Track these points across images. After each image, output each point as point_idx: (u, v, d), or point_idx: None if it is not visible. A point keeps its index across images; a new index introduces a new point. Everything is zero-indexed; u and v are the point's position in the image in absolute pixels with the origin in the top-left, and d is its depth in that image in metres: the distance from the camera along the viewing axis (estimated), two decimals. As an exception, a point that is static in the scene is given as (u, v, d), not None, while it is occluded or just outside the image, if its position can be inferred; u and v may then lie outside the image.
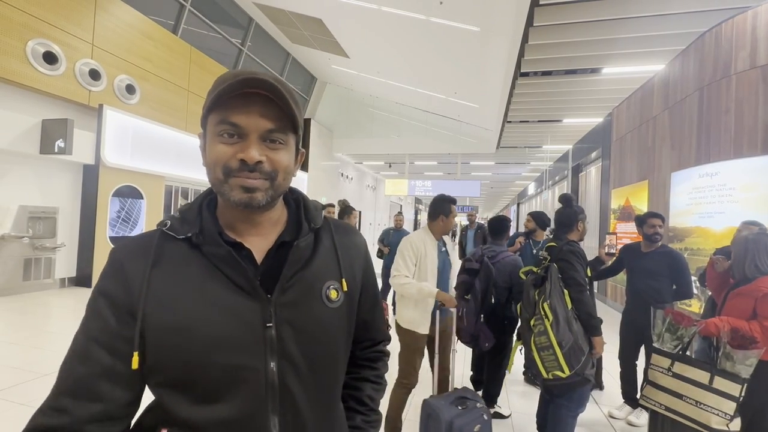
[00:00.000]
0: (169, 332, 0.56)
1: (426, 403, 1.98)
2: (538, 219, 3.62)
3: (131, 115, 7.00)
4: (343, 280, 0.69)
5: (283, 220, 0.69)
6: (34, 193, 6.01)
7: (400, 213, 5.84)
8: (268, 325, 0.60)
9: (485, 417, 2.00)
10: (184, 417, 0.57)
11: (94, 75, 6.41)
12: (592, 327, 1.97)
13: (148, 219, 7.62)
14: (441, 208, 2.32)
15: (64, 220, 6.39)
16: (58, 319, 4.89)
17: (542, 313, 1.97)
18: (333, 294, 0.67)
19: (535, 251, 3.52)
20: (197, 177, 8.78)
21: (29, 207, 5.83)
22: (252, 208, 0.60)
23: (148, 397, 0.63)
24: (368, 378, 0.79)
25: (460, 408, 1.96)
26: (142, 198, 7.49)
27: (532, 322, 2.04)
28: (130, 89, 7.05)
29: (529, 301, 2.10)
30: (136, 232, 7.39)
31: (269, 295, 0.60)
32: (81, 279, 6.61)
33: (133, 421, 0.62)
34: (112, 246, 6.65)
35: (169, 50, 7.96)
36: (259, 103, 0.58)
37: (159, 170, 7.70)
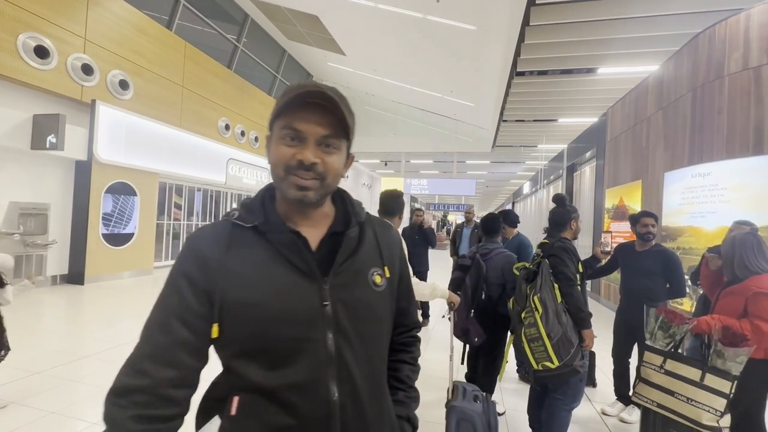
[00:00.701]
0: (243, 307, 0.65)
1: (455, 409, 1.81)
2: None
3: (124, 110, 6.93)
4: (386, 267, 0.78)
5: (332, 214, 0.79)
6: (25, 189, 5.93)
7: (420, 209, 5.56)
8: (324, 303, 0.68)
9: (490, 399, 2.00)
10: (256, 383, 0.65)
11: (87, 70, 6.33)
12: (581, 320, 2.04)
13: (141, 216, 7.56)
14: (399, 204, 2.40)
15: (55, 216, 6.31)
16: (50, 317, 4.84)
17: (533, 305, 2.05)
18: (377, 279, 0.76)
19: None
20: (191, 174, 8.72)
21: (20, 203, 5.76)
22: (304, 205, 0.70)
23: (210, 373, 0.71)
24: (405, 360, 0.88)
25: (479, 403, 1.90)
26: (135, 195, 7.43)
27: (523, 315, 2.12)
28: (123, 84, 6.97)
29: (521, 295, 2.18)
30: (129, 230, 7.32)
31: (325, 278, 0.69)
32: (73, 276, 6.54)
33: (202, 396, 0.72)
34: (104, 242, 6.56)
35: (163, 45, 7.88)
36: (318, 113, 0.68)
37: (153, 167, 7.63)
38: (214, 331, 0.65)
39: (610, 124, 7.60)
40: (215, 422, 0.70)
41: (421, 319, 2.53)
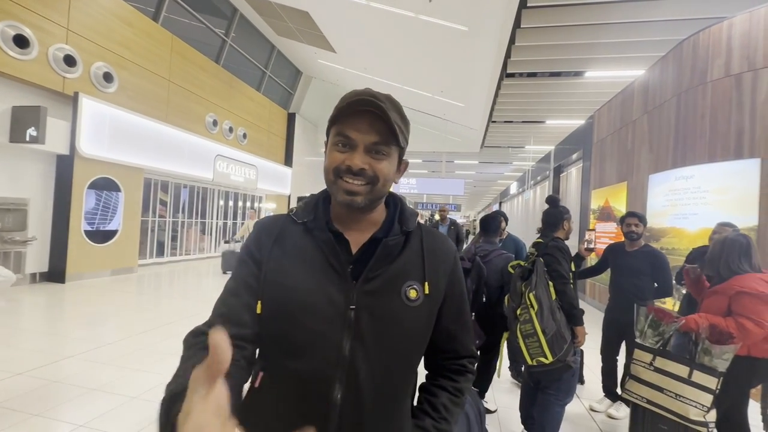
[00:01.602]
0: (278, 289, 0.70)
1: None
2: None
3: (109, 104, 6.74)
4: (426, 283, 0.75)
5: (381, 220, 0.79)
6: (2, 183, 5.71)
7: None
8: (350, 306, 0.69)
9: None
10: (276, 364, 0.71)
11: (69, 61, 6.13)
12: (574, 317, 2.11)
13: (125, 213, 7.37)
14: None
15: (35, 212, 6.10)
16: (30, 317, 4.68)
17: (528, 302, 2.11)
18: (412, 293, 0.73)
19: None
20: (178, 170, 8.55)
21: (-3, 198, 5.55)
22: (352, 209, 0.72)
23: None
24: (446, 387, 0.81)
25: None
26: (119, 191, 7.23)
27: (518, 312, 2.17)
28: (107, 77, 6.78)
29: (516, 293, 2.23)
30: (113, 226, 7.14)
31: (355, 281, 0.70)
32: (54, 274, 6.33)
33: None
34: (86, 239, 6.36)
35: (149, 38, 7.69)
36: (368, 120, 0.70)
37: (138, 162, 7.45)
38: (259, 307, 0.70)
39: (597, 127, 7.76)
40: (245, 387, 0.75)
41: None
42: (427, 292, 0.74)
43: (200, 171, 9.29)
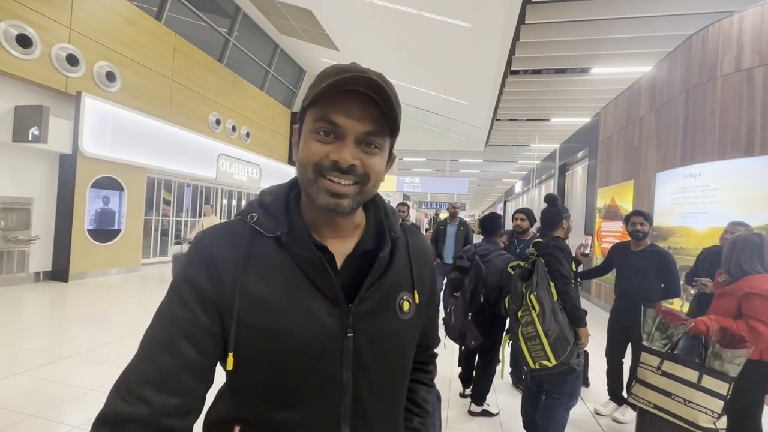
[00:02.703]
0: (260, 335, 0.56)
1: None
2: (532, 217, 3.41)
3: (111, 103, 6.75)
4: (416, 291, 0.68)
5: (362, 224, 0.67)
6: (5, 182, 5.74)
7: (404, 203, 5.27)
8: (347, 334, 0.59)
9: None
10: (260, 415, 0.58)
11: (72, 60, 6.14)
12: (577, 318, 2.04)
13: (128, 212, 7.39)
14: None
15: (38, 211, 6.13)
16: (32, 315, 4.68)
17: (529, 304, 2.05)
18: (405, 305, 0.65)
19: (518, 250, 3.33)
20: (181, 169, 8.55)
21: (1, 197, 5.57)
22: (336, 214, 0.59)
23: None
24: (422, 380, 0.80)
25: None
26: (122, 190, 7.25)
27: (519, 314, 2.12)
28: (110, 76, 6.79)
29: (517, 294, 2.18)
30: (116, 226, 7.15)
31: (349, 305, 0.60)
32: (57, 273, 6.36)
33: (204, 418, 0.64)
34: (89, 239, 6.38)
35: (152, 37, 7.69)
36: (360, 103, 0.56)
37: (140, 161, 7.45)
38: (229, 363, 0.55)
39: (603, 125, 7.64)
40: None
41: None
42: (417, 301, 0.67)
43: (203, 170, 9.29)
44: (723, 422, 1.77)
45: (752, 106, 3.96)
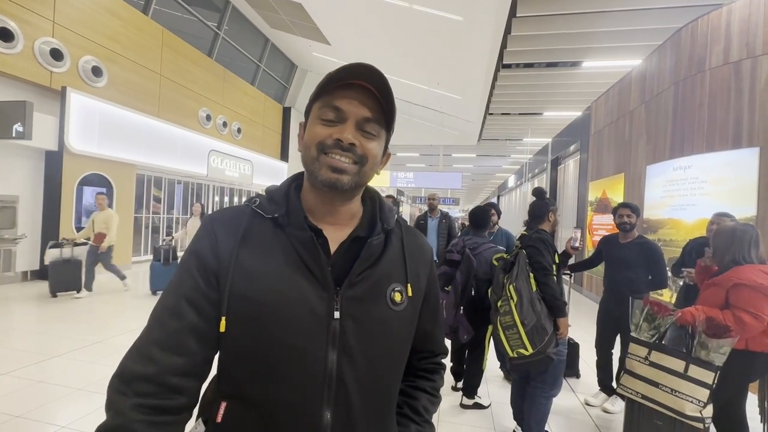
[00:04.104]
0: (248, 303, 0.60)
1: None
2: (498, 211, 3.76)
3: (98, 99, 6.62)
4: (409, 284, 0.69)
5: (359, 215, 0.71)
6: (-10, 180, 5.62)
7: (390, 196, 5.29)
8: (333, 317, 0.61)
9: None
10: (244, 391, 0.61)
11: (56, 55, 6.00)
12: (556, 308, 2.09)
13: (118, 209, 7.28)
14: None
15: (24, 209, 6.01)
16: (19, 315, 4.61)
17: (508, 294, 2.11)
18: (397, 297, 0.67)
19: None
20: (171, 166, 8.45)
21: (-15, 196, 5.45)
22: (337, 190, 0.62)
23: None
24: (425, 389, 0.79)
25: None
26: (111, 187, 7.14)
27: (499, 304, 2.18)
28: (96, 71, 6.65)
29: (498, 285, 2.23)
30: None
31: (338, 288, 0.62)
32: (45, 272, 6.22)
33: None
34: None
35: (139, 31, 7.54)
36: (361, 93, 0.62)
37: (129, 158, 7.35)
38: (222, 325, 0.60)
39: (594, 118, 7.67)
40: (200, 427, 0.66)
41: None
42: (410, 294, 0.69)
43: (194, 166, 9.19)
44: (709, 411, 1.80)
45: (740, 99, 3.99)
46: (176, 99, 8.66)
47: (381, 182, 14.63)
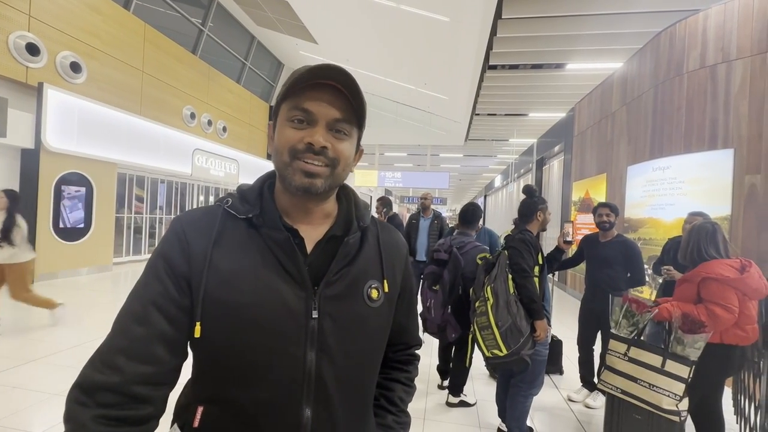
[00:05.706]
0: (224, 307, 0.58)
1: None
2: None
3: (77, 95, 6.43)
4: (385, 281, 0.70)
5: (334, 214, 0.71)
6: (-38, 179, 5.40)
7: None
8: (312, 316, 0.61)
9: None
10: (222, 394, 0.60)
11: (32, 50, 5.81)
12: (533, 311, 2.08)
13: (98, 209, 7.09)
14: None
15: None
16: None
17: (485, 295, 2.12)
18: (374, 293, 0.68)
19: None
20: (154, 164, 8.27)
21: (-44, 195, 5.23)
22: (310, 194, 0.62)
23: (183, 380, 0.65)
24: (400, 380, 0.81)
25: None
26: (91, 186, 6.95)
27: (477, 304, 2.18)
28: (75, 67, 6.46)
29: (479, 285, 2.23)
30: (85, 223, 6.86)
31: (315, 287, 0.62)
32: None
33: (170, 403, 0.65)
34: (56, 237, 6.07)
35: (120, 27, 7.36)
36: (330, 94, 0.61)
37: (110, 156, 7.16)
38: (197, 331, 0.58)
39: (578, 119, 7.81)
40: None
41: None
42: (386, 290, 0.70)
43: (178, 165, 9.01)
44: (684, 404, 1.85)
45: (715, 101, 4.12)
46: (159, 96, 8.48)
47: (369, 182, 14.61)
